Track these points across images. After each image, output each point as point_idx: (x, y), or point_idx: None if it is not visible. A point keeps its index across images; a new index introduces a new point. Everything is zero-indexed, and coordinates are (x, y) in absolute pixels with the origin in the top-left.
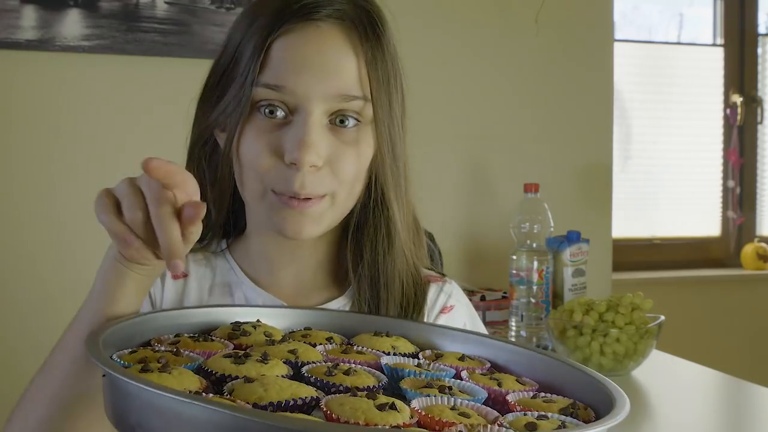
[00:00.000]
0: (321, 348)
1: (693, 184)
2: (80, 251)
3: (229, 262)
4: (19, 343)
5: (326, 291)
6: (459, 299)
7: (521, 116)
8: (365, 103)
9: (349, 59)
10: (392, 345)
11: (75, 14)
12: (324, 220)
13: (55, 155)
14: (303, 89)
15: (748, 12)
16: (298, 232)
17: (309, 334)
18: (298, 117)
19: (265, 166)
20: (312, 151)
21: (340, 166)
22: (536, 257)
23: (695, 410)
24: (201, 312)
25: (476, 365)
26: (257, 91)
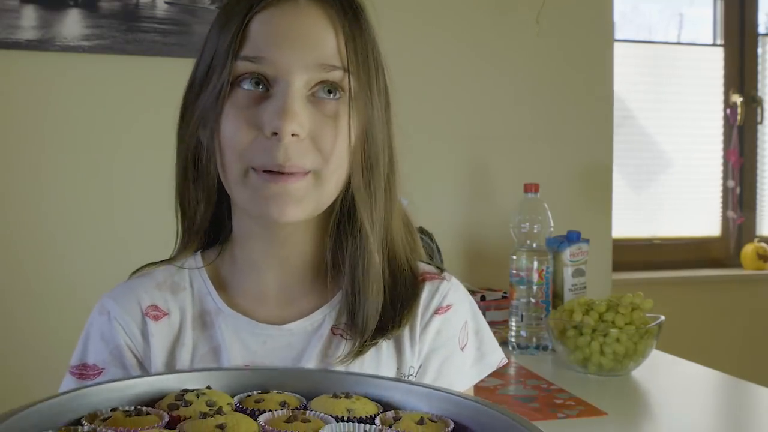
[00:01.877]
0: (265, 417)
1: (693, 184)
2: (80, 250)
3: (206, 284)
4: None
5: (313, 298)
6: (457, 298)
7: (521, 116)
8: (345, 76)
9: (327, 32)
10: (348, 408)
11: (75, 14)
12: (308, 200)
13: (55, 155)
14: (282, 59)
15: (748, 12)
16: (281, 212)
17: (263, 399)
18: (278, 88)
19: (244, 141)
20: (293, 120)
21: (322, 140)
22: (536, 257)
23: (695, 410)
24: (147, 381)
25: (437, 428)
26: (237, 65)
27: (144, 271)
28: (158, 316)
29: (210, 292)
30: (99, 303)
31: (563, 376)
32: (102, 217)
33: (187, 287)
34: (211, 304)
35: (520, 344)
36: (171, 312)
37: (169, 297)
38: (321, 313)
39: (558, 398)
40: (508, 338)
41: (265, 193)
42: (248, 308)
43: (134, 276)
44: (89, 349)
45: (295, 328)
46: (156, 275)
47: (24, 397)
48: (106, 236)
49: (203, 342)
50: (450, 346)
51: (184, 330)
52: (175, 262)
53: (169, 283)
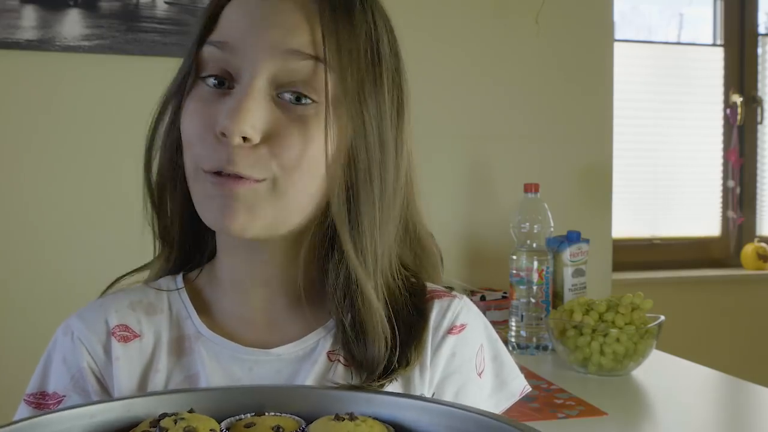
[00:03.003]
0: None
1: (693, 184)
2: (80, 250)
3: (185, 306)
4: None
5: (304, 320)
6: (471, 317)
7: (521, 116)
8: (319, 70)
9: (303, 18)
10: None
11: (75, 14)
12: (260, 209)
13: (55, 155)
14: (247, 45)
15: (748, 12)
16: (229, 221)
17: (254, 422)
18: (240, 84)
19: (196, 138)
20: (244, 120)
21: (281, 146)
22: (536, 257)
23: (695, 410)
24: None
25: None
26: (202, 52)
27: (117, 287)
28: (128, 338)
29: (190, 315)
30: (64, 323)
31: (563, 376)
32: (102, 217)
33: (165, 309)
34: (190, 327)
35: (520, 344)
36: (144, 334)
37: (143, 318)
38: (314, 336)
39: (558, 398)
40: (508, 338)
41: (212, 196)
42: (232, 332)
43: (107, 293)
44: (50, 375)
45: (284, 352)
46: (130, 293)
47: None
48: (106, 236)
49: (179, 370)
50: (465, 371)
51: (157, 355)
52: (153, 284)
53: (144, 304)
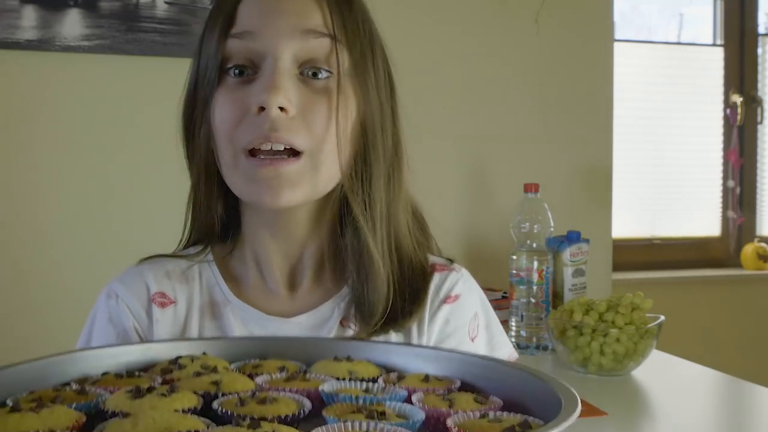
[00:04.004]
0: (263, 378)
1: (693, 184)
2: (79, 250)
3: (215, 276)
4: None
5: (320, 291)
6: (467, 288)
7: (521, 116)
8: (335, 47)
9: (313, 3)
10: (349, 370)
11: (75, 14)
12: (302, 183)
13: (55, 155)
14: (268, 31)
15: (748, 12)
16: (275, 196)
17: (261, 364)
18: (265, 66)
19: (233, 122)
20: (279, 92)
21: (315, 118)
22: (536, 257)
23: (695, 410)
24: (139, 349)
25: (443, 385)
26: (226, 45)
27: (153, 260)
28: (165, 304)
29: (219, 284)
30: (107, 287)
31: (563, 376)
32: (101, 216)
33: (196, 278)
34: (219, 295)
35: (520, 344)
36: (178, 301)
37: (177, 286)
38: (329, 305)
39: None
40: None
41: (257, 177)
42: (256, 301)
43: (144, 262)
44: (94, 333)
45: (303, 321)
46: (165, 264)
47: None
48: (106, 236)
49: (210, 332)
50: (459, 336)
51: (190, 320)
52: (184, 254)
53: (177, 273)
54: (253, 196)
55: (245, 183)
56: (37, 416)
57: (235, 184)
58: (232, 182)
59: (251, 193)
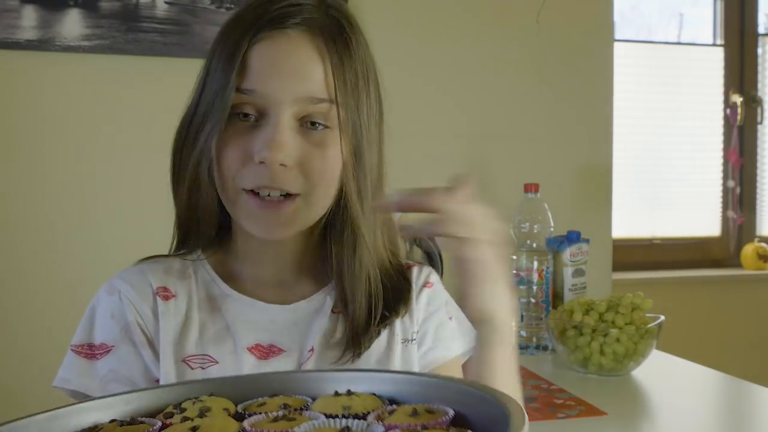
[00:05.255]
0: (253, 419)
1: (693, 184)
2: (79, 249)
3: (209, 273)
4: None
5: (311, 283)
6: (436, 279)
7: (521, 116)
8: (332, 107)
9: (315, 64)
10: (344, 405)
11: (75, 14)
12: (297, 220)
13: (55, 155)
14: (272, 92)
15: (748, 12)
16: (271, 233)
17: (266, 402)
18: (268, 120)
19: (236, 166)
20: (280, 150)
21: (310, 167)
22: (536, 257)
23: (695, 410)
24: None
25: (433, 417)
26: (234, 96)
27: (152, 260)
28: (168, 296)
29: (214, 280)
30: (107, 284)
31: (563, 376)
32: (101, 216)
33: (192, 276)
34: (216, 289)
35: (520, 344)
36: (178, 295)
37: (176, 281)
38: (321, 294)
39: (558, 398)
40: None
41: (255, 215)
42: (253, 293)
43: (142, 262)
44: (96, 328)
45: (299, 307)
46: (163, 263)
47: (19, 396)
48: (106, 235)
49: (211, 323)
50: (440, 314)
51: (191, 313)
52: (177, 255)
53: (175, 270)
54: (251, 228)
55: (244, 216)
56: None
57: (236, 215)
58: (231, 212)
59: (249, 226)
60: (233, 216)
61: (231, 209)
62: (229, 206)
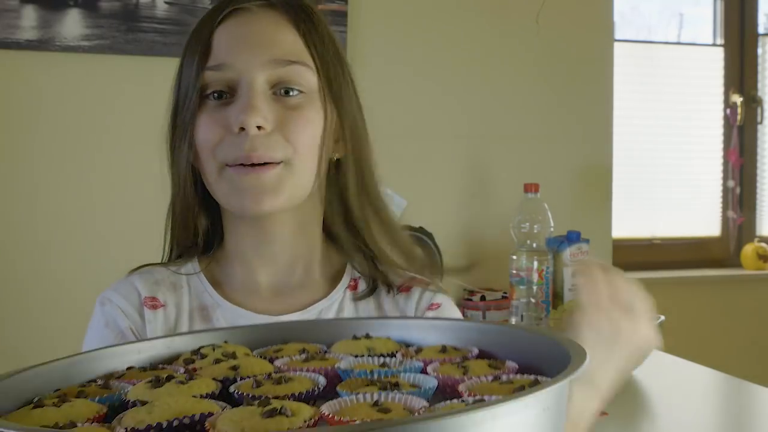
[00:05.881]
0: (283, 360)
1: (693, 184)
2: (78, 249)
3: (202, 283)
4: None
5: (305, 293)
6: (446, 300)
7: (521, 116)
8: (304, 69)
9: (281, 31)
10: (368, 347)
11: (75, 14)
12: (283, 189)
13: (56, 155)
14: (241, 62)
15: (748, 12)
16: (257, 203)
17: (282, 348)
18: (241, 90)
19: (215, 140)
20: (257, 113)
21: (290, 130)
22: (536, 257)
23: (695, 410)
24: (163, 343)
25: (460, 354)
26: (204, 77)
27: (142, 270)
28: (155, 306)
29: (207, 290)
30: (99, 298)
31: None
32: (101, 216)
33: (184, 286)
34: (208, 299)
35: None
36: (167, 305)
37: (167, 292)
38: (316, 308)
39: None
40: None
41: (240, 186)
42: (244, 302)
43: (133, 273)
44: (93, 340)
45: (290, 320)
46: (154, 273)
47: None
48: (105, 236)
49: None
50: None
51: (180, 322)
52: (172, 267)
53: (166, 281)
54: (237, 204)
55: (229, 192)
56: (59, 410)
57: (219, 194)
58: (217, 193)
59: (235, 202)
60: (217, 197)
61: (215, 189)
62: (214, 187)
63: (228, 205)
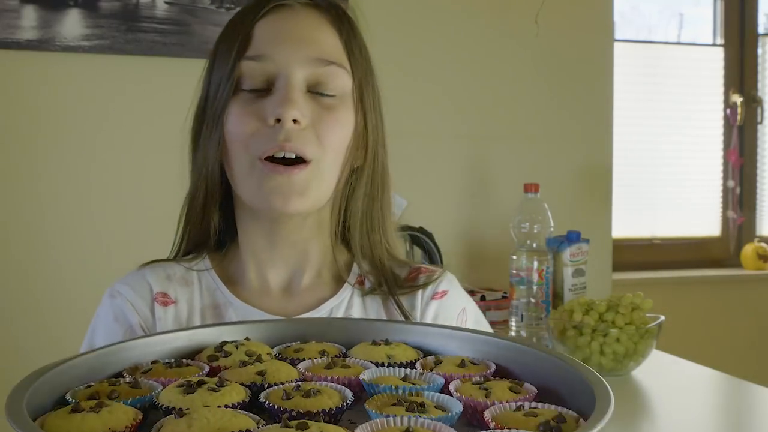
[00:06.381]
0: (305, 364)
1: (693, 184)
2: (78, 249)
3: (215, 281)
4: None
5: (315, 292)
6: (453, 286)
7: (521, 116)
8: (342, 72)
9: (323, 31)
10: (388, 354)
11: (75, 14)
12: (309, 192)
13: (55, 155)
14: (281, 56)
15: (748, 12)
16: (285, 203)
17: (302, 348)
18: (278, 83)
19: (249, 131)
20: (294, 107)
21: (323, 129)
22: (536, 257)
23: (695, 410)
24: (186, 335)
25: (479, 370)
26: (241, 66)
27: (154, 264)
28: (167, 303)
29: (219, 287)
30: (109, 290)
31: None
32: (101, 216)
33: (195, 282)
34: (220, 297)
35: None
36: (179, 301)
37: (178, 288)
38: (327, 306)
39: None
40: (515, 336)
41: (270, 185)
42: (255, 301)
43: (144, 267)
44: (100, 334)
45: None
46: (166, 268)
47: None
48: (106, 236)
49: None
50: None
51: (192, 321)
52: (184, 262)
53: (178, 277)
54: (264, 202)
55: (258, 189)
56: (98, 416)
57: (246, 190)
58: (244, 189)
59: (263, 199)
60: (242, 194)
61: (240, 184)
62: (241, 184)
63: (252, 202)
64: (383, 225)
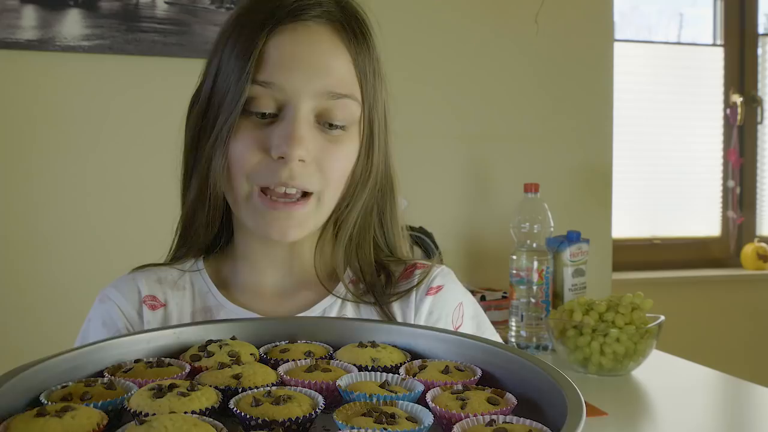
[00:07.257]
0: (286, 367)
1: (693, 184)
2: (77, 249)
3: (207, 284)
4: None
5: (309, 294)
6: (449, 280)
7: (521, 116)
8: (351, 103)
9: (337, 58)
10: (373, 357)
11: (75, 14)
12: (309, 222)
13: (55, 155)
14: (292, 85)
15: (748, 12)
16: (283, 234)
17: (288, 349)
18: (286, 113)
19: (252, 162)
20: (300, 145)
21: (328, 164)
22: (536, 257)
23: (695, 410)
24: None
25: (463, 377)
26: (250, 88)
27: (146, 269)
28: (155, 306)
29: (210, 290)
30: (100, 294)
31: None
32: (101, 216)
33: (187, 287)
34: (212, 300)
35: (520, 344)
36: (168, 304)
37: (169, 292)
38: (320, 306)
39: None
40: (508, 338)
41: (268, 217)
42: (248, 303)
43: (136, 270)
44: (89, 336)
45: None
46: (157, 272)
47: None
48: (104, 236)
49: None
50: (442, 325)
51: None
52: (177, 265)
53: (170, 280)
54: (262, 230)
55: (256, 218)
56: (60, 422)
57: (244, 214)
58: (241, 212)
59: (260, 228)
60: (240, 217)
61: (239, 209)
62: (238, 205)
63: (249, 225)
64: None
